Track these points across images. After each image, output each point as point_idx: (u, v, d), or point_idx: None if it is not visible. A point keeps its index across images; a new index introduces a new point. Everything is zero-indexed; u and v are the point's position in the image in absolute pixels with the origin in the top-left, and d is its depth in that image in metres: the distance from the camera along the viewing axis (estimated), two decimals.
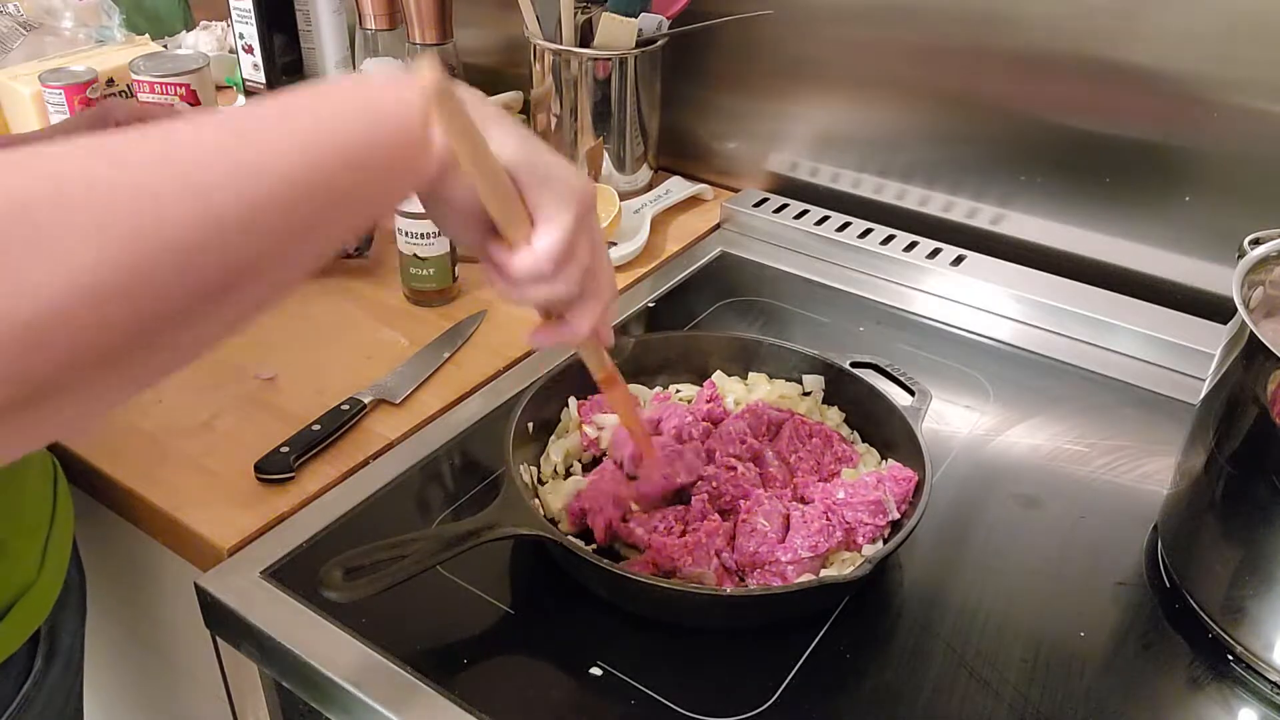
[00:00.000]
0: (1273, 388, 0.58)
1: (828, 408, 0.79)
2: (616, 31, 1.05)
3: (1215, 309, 0.92)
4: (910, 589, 0.68)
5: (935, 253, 1.03)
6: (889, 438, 0.75)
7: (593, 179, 1.13)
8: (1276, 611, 0.61)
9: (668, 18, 1.08)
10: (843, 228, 1.07)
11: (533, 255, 0.50)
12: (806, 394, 0.80)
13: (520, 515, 0.63)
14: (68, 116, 1.17)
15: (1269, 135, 0.87)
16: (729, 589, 0.64)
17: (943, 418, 0.83)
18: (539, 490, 0.72)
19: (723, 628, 0.65)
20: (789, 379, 0.81)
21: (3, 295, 0.31)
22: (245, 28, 1.29)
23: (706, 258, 1.07)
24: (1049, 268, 1.00)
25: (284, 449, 0.76)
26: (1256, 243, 0.67)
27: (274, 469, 0.74)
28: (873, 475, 0.70)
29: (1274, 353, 0.56)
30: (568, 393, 0.78)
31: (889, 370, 0.80)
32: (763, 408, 0.76)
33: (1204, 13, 0.86)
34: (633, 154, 1.14)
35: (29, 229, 0.32)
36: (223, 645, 0.71)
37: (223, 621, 0.66)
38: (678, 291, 1.02)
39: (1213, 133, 0.89)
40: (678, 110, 1.18)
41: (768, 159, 1.17)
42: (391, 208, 0.46)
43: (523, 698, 0.60)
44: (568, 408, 0.78)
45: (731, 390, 0.80)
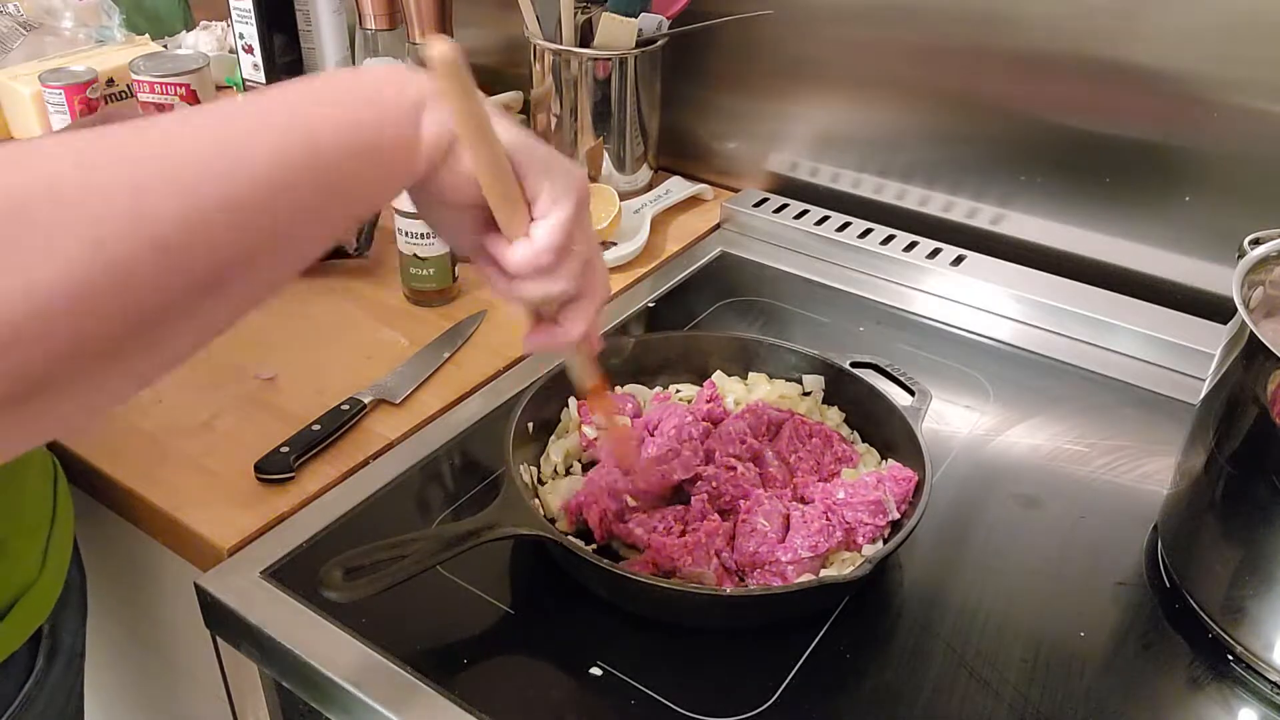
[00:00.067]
0: (1273, 388, 0.58)
1: (828, 408, 0.79)
2: (616, 31, 1.05)
3: (1215, 309, 0.92)
4: (910, 589, 0.68)
5: (935, 253, 1.03)
6: (889, 438, 0.75)
7: (593, 179, 1.13)
8: (1276, 611, 0.61)
9: (668, 18, 1.08)
10: (843, 228, 1.07)
11: (532, 246, 0.49)
12: (806, 394, 0.80)
13: (520, 515, 0.63)
14: (69, 122, 1.18)
15: (1269, 135, 0.87)
16: (729, 589, 0.64)
17: (943, 418, 0.83)
18: (539, 490, 0.72)
19: (723, 628, 0.65)
20: (789, 379, 0.81)
21: None
22: (245, 28, 1.29)
23: (706, 258, 1.07)
24: (1049, 268, 1.00)
25: (284, 449, 0.76)
26: (1256, 243, 0.67)
27: (274, 469, 0.74)
28: (873, 475, 0.70)
29: (1274, 353, 0.56)
30: (568, 393, 0.78)
31: (889, 370, 0.80)
32: (763, 408, 0.76)
33: (1204, 13, 0.86)
34: (633, 154, 1.14)
35: (22, 225, 0.32)
36: (223, 645, 0.71)
37: (223, 621, 0.66)
38: (678, 291, 1.02)
39: (1213, 133, 0.89)
40: (678, 110, 1.18)
41: (768, 159, 1.17)
42: (380, 203, 0.47)
43: (523, 698, 0.60)
44: (568, 408, 0.78)
45: (731, 390, 0.80)
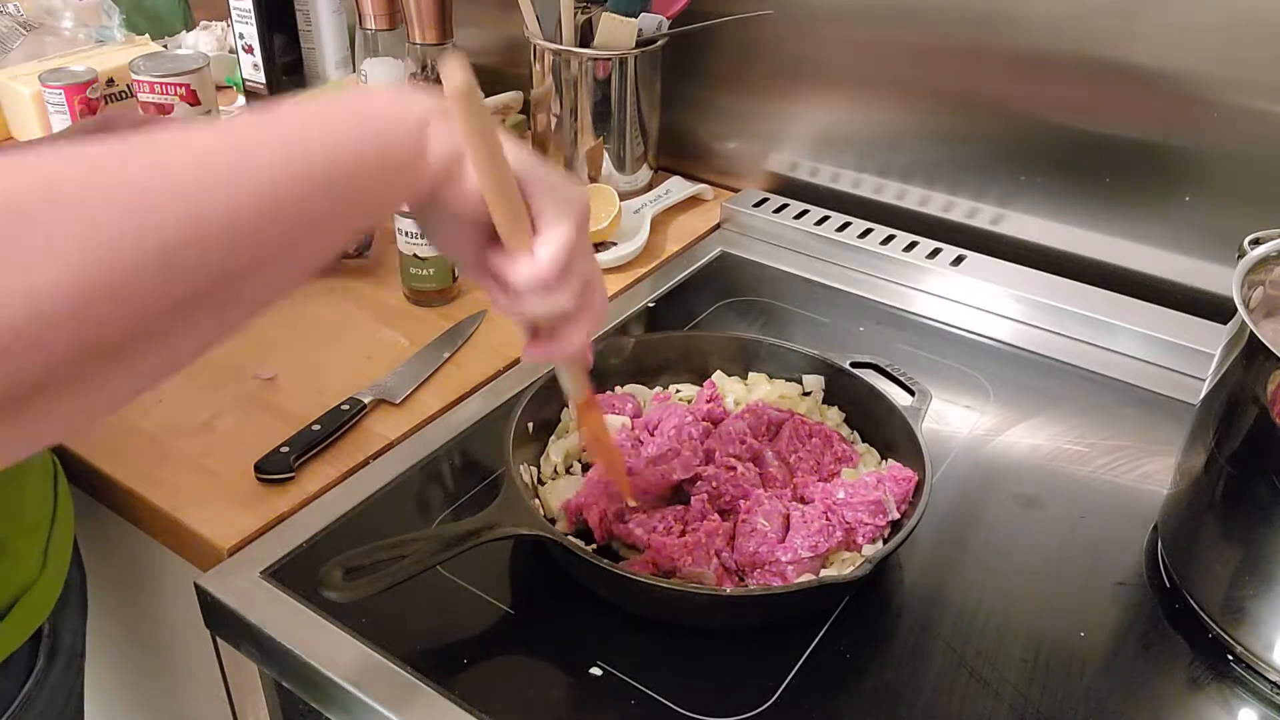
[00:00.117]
0: (1273, 388, 0.58)
1: (828, 408, 0.79)
2: (616, 31, 1.05)
3: (1215, 309, 0.92)
4: (910, 589, 0.68)
5: (935, 253, 1.03)
6: (889, 438, 0.75)
7: (592, 179, 1.13)
8: (1276, 611, 0.61)
9: (668, 18, 1.08)
10: (843, 228, 1.07)
11: (536, 264, 0.50)
12: (806, 394, 0.80)
13: (520, 515, 0.63)
14: (69, 122, 1.18)
15: (1269, 135, 0.87)
16: (729, 589, 0.64)
17: (943, 418, 0.83)
18: (539, 490, 0.72)
19: (723, 628, 0.65)
20: (789, 379, 0.81)
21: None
22: (245, 28, 1.29)
23: (706, 258, 1.07)
24: (1049, 268, 1.00)
25: (284, 449, 0.76)
26: (1256, 243, 0.67)
27: (274, 469, 0.74)
28: (873, 475, 0.70)
29: (1274, 353, 0.56)
30: None
31: (889, 370, 0.80)
32: (763, 408, 0.76)
33: (1204, 13, 0.86)
34: (633, 154, 1.14)
35: (23, 228, 0.32)
36: (223, 645, 0.71)
37: (223, 621, 0.66)
38: (678, 291, 1.02)
39: (1213, 133, 0.89)
40: (678, 110, 1.18)
41: (768, 159, 1.17)
42: (383, 218, 0.48)
43: (523, 698, 0.60)
44: (567, 408, 0.78)
45: (731, 390, 0.80)
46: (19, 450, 0.36)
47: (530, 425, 0.74)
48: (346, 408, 0.80)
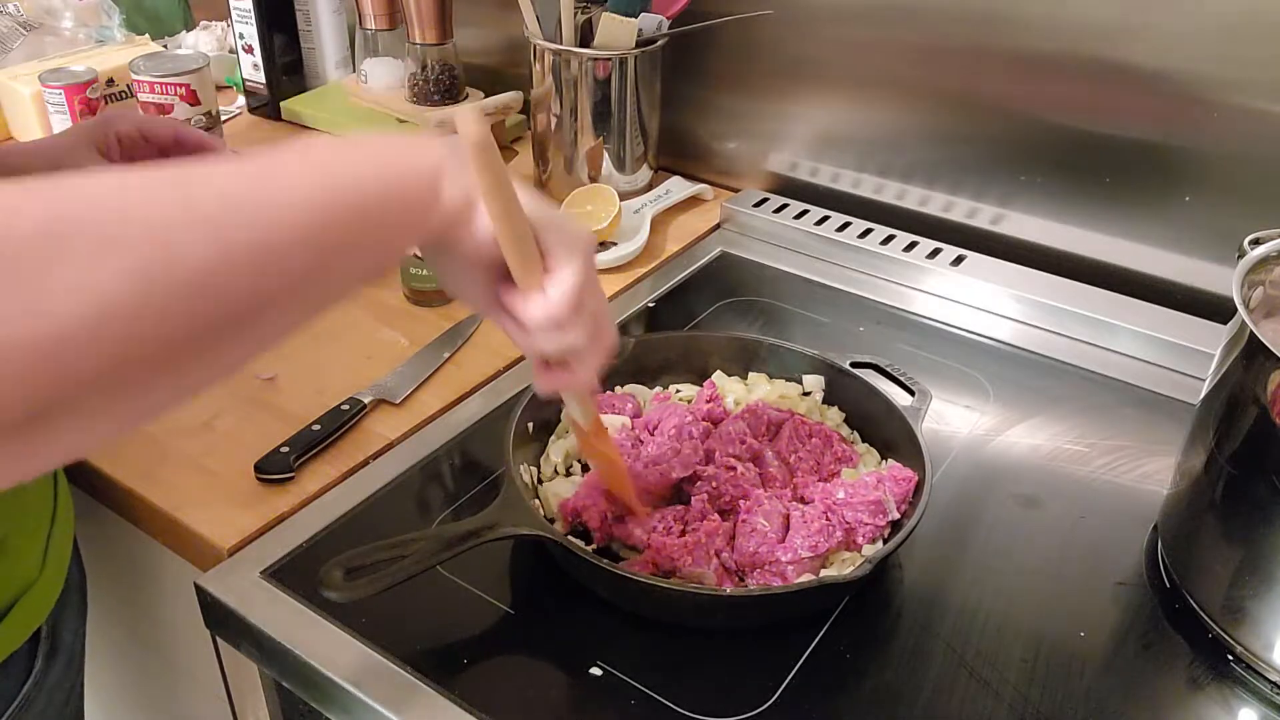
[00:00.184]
0: (1273, 388, 0.58)
1: (828, 408, 0.79)
2: (616, 31, 1.05)
3: (1215, 309, 0.92)
4: (910, 589, 0.68)
5: (935, 253, 1.03)
6: (889, 438, 0.75)
7: (592, 179, 1.13)
8: (1276, 611, 0.61)
9: (668, 18, 1.08)
10: (843, 228, 1.07)
11: (549, 302, 0.52)
12: (806, 394, 0.80)
13: (520, 515, 0.63)
14: (69, 122, 1.18)
15: (1269, 135, 0.87)
16: (729, 589, 0.64)
17: (943, 418, 0.83)
18: (539, 490, 0.72)
19: (723, 628, 0.65)
20: (789, 379, 0.81)
21: (26, 313, 0.32)
22: (245, 28, 1.29)
23: (706, 258, 1.07)
24: (1049, 268, 1.00)
25: (284, 449, 0.76)
26: (1256, 243, 0.67)
27: (274, 469, 0.74)
28: (873, 475, 0.70)
29: (1274, 353, 0.56)
30: None
31: (889, 370, 0.80)
32: (763, 408, 0.76)
33: (1204, 13, 0.86)
34: (633, 154, 1.14)
35: (55, 250, 0.33)
36: (223, 645, 0.71)
37: (223, 621, 0.67)
38: (678, 291, 1.02)
39: (1213, 133, 0.89)
40: (678, 110, 1.18)
41: (768, 159, 1.17)
42: (398, 258, 0.50)
43: (523, 698, 0.60)
44: (567, 408, 0.78)
45: (731, 390, 0.80)
46: (43, 465, 0.37)
47: (530, 425, 0.74)
48: (346, 408, 0.80)
